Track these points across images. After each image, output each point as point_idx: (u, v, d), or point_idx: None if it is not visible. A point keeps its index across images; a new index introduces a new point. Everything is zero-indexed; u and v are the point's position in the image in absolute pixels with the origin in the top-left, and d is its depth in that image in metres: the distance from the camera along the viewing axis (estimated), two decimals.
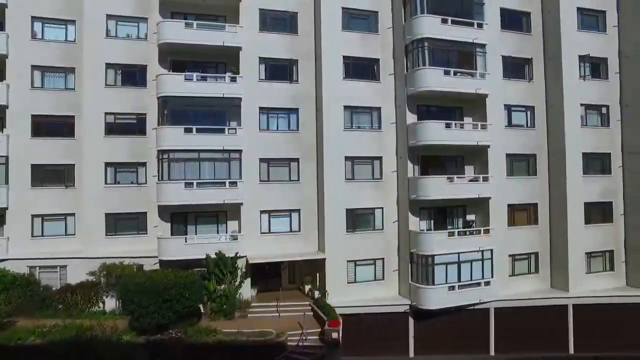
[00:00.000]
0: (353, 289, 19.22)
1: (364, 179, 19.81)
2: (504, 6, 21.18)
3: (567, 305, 20.60)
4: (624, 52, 21.55)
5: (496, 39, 20.60)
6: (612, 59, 21.77)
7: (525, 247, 21.18)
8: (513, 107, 21.23)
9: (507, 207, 20.64)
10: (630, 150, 21.39)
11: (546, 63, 21.69)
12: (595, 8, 21.69)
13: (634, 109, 21.20)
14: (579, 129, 21.11)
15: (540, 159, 21.55)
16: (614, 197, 21.73)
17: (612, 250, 21.66)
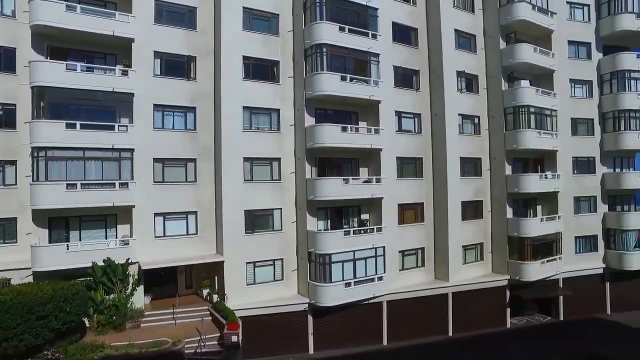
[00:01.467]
0: (253, 291, 20.71)
1: (262, 180, 21.40)
2: (396, 20, 24.75)
3: (447, 294, 24.89)
4: (489, 72, 26.84)
5: (388, 49, 23.97)
6: (481, 76, 26.91)
7: (413, 243, 24.98)
8: (403, 114, 24.87)
9: (397, 206, 24.17)
10: (494, 156, 26.74)
11: (431, 75, 25.81)
12: (468, 32, 26.57)
13: (497, 120, 26.50)
14: (457, 136, 25.61)
15: (426, 162, 25.61)
16: (484, 196, 26.84)
17: (482, 242, 26.73)
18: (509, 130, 26.11)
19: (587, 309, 28.16)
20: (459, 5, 26.33)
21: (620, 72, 29.00)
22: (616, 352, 16.37)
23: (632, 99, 28.77)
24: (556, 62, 27.64)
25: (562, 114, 27.77)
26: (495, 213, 26.80)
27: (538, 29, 26.97)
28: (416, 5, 25.72)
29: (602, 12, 29.61)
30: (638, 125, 29.06)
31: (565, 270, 27.50)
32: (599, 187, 29.72)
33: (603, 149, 29.70)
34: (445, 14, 25.32)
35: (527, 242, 25.53)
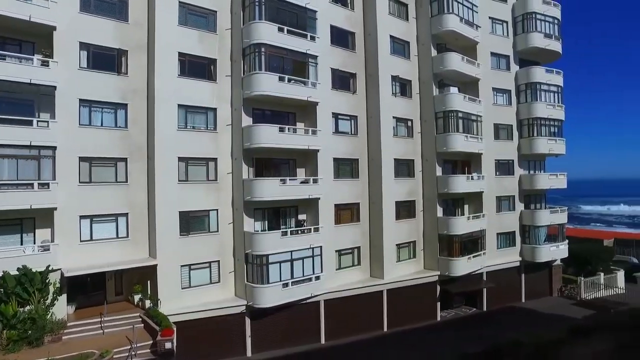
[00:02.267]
0: (188, 294, 20.46)
1: (198, 180, 21.24)
2: (334, 24, 25.72)
3: (382, 291, 26.22)
4: (422, 78, 28.71)
5: (326, 52, 24.80)
6: (414, 81, 28.79)
7: (349, 242, 26.05)
8: (340, 116, 25.85)
9: (334, 206, 25.07)
10: (426, 158, 28.64)
11: (367, 79, 27.10)
12: (403, 38, 28.25)
13: (428, 124, 28.39)
14: (391, 138, 27.10)
15: (362, 163, 26.86)
16: (416, 196, 28.67)
17: (414, 241, 28.51)
18: (439, 134, 28.12)
19: (506, 298, 31.15)
20: (394, 13, 27.92)
21: (532, 84, 32.45)
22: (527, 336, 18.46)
23: (542, 108, 32.34)
24: (481, 72, 30.26)
25: (486, 120, 30.46)
26: (427, 212, 28.72)
27: (465, 39, 29.33)
28: (354, 10, 26.84)
29: (518, 30, 32.97)
30: (547, 132, 32.67)
31: (488, 264, 30.16)
32: (517, 188, 32.99)
33: (520, 153, 33.05)
34: (381, 21, 26.70)
35: (455, 239, 27.66)
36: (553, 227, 33.26)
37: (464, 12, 28.90)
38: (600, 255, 37.21)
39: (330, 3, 25.61)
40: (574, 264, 35.89)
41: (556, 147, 33.23)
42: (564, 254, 33.77)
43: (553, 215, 33.17)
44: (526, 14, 32.53)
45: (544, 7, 32.79)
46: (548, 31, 33.04)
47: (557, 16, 33.69)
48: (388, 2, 27.38)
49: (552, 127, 33.24)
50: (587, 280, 33.71)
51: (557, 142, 33.33)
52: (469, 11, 29.29)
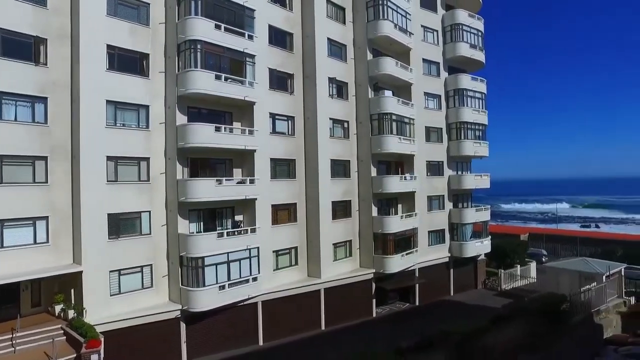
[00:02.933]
0: (118, 302, 19.49)
1: (129, 180, 20.27)
2: (272, 24, 25.79)
3: (319, 290, 26.71)
4: (358, 81, 29.64)
5: (264, 52, 24.80)
6: (350, 84, 29.65)
7: (287, 242, 26.24)
8: (277, 116, 25.95)
9: (271, 207, 25.11)
10: (362, 159, 29.64)
11: (304, 80, 27.46)
12: (340, 41, 29.01)
13: (364, 126, 29.41)
14: (328, 139, 27.76)
15: (299, 164, 27.15)
16: (352, 196, 29.54)
17: (350, 240, 29.37)
18: (374, 135, 29.20)
19: (437, 293, 33.14)
20: (332, 16, 28.56)
21: (460, 90, 34.84)
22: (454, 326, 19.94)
23: (468, 113, 34.83)
24: (413, 77, 31.88)
25: (418, 123, 32.16)
26: (362, 212, 29.70)
27: (399, 45, 30.75)
28: (292, 11, 27.09)
29: (447, 39, 35.23)
30: (473, 135, 35.23)
31: (420, 261, 31.87)
32: (446, 188, 35.18)
33: (449, 155, 35.27)
34: (319, 23, 27.21)
35: (389, 237, 28.89)
36: (478, 224, 35.92)
37: (398, 19, 30.32)
38: (517, 249, 41.00)
39: (268, 3, 25.64)
40: (495, 258, 39.12)
41: (480, 149, 35.92)
42: (488, 249, 36.67)
43: (478, 213, 35.85)
44: (454, 25, 34.85)
45: (469, 20, 35.35)
46: (473, 42, 35.66)
47: (481, 29, 36.49)
48: (326, 5, 27.96)
49: (477, 131, 35.90)
50: (506, 272, 36.93)
51: (482, 145, 36.05)
52: (402, 19, 30.76)
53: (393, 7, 29.76)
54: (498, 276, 36.68)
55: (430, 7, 34.71)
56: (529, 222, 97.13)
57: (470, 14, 35.68)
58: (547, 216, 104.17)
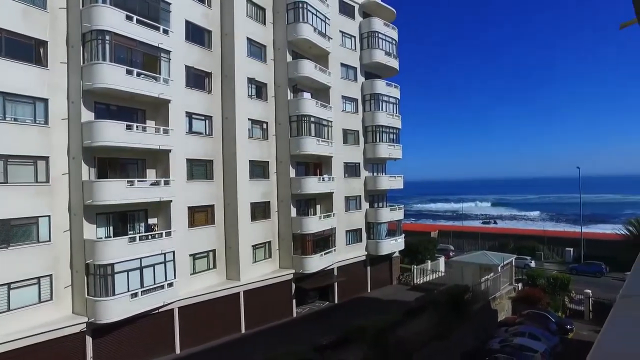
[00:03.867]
0: (8, 319, 17.56)
1: (23, 182, 18.35)
2: (190, 19, 24.93)
3: (239, 293, 26.40)
4: (277, 82, 29.85)
5: (181, 48, 23.96)
6: (270, 85, 29.73)
7: (204, 245, 25.59)
8: (194, 115, 25.22)
9: (187, 209, 24.29)
10: (281, 160, 29.87)
11: (223, 79, 27.00)
12: (260, 42, 28.97)
13: (283, 127, 29.67)
14: (247, 140, 27.48)
15: (217, 165, 26.62)
16: (271, 197, 29.64)
17: (270, 241, 29.45)
18: (293, 137, 29.59)
19: (355, 290, 34.45)
20: (252, 15, 28.43)
21: (375, 95, 36.61)
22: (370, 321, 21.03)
23: (383, 117, 36.74)
24: (332, 80, 32.85)
25: (336, 125, 33.17)
26: (281, 213, 29.93)
27: (318, 49, 31.50)
28: (211, 8, 26.49)
29: (364, 45, 36.87)
30: (387, 138, 37.22)
31: (338, 260, 32.88)
32: (362, 188, 36.68)
33: (365, 156, 36.85)
34: (239, 22, 26.95)
35: (308, 238, 29.44)
36: (392, 223, 38.00)
37: (318, 23, 31.06)
38: (428, 246, 44.10)
39: None
40: (408, 254, 41.69)
41: (395, 152, 38.03)
42: (402, 247, 38.94)
43: (392, 213, 37.91)
44: (370, 32, 36.54)
45: (384, 28, 37.30)
46: (388, 50, 37.67)
47: (395, 38, 38.70)
48: (246, 4, 27.76)
49: (392, 134, 37.97)
50: (418, 267, 39.55)
51: (396, 148, 38.19)
52: (322, 23, 31.57)
53: (313, 11, 30.43)
54: (411, 272, 39.14)
55: (349, 14, 36.05)
56: (439, 220, 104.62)
57: (386, 23, 37.67)
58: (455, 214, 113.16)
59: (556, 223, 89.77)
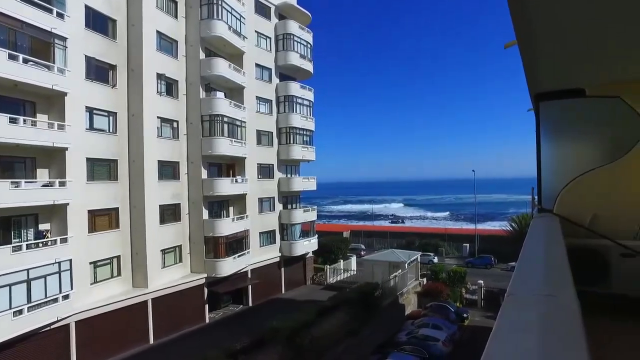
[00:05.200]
0: None
1: None
2: (90, 5, 22.76)
3: (147, 301, 24.86)
4: (189, 80, 28.68)
5: (80, 36, 21.84)
6: (181, 82, 28.46)
7: (107, 252, 23.70)
8: (96, 111, 23.22)
9: (87, 213, 22.27)
10: (192, 161, 28.75)
11: (130, 73, 25.22)
12: (171, 36, 27.59)
13: (194, 126, 28.60)
14: (155, 139, 26.01)
15: (122, 165, 24.77)
16: (182, 199, 28.40)
17: (180, 245, 28.19)
18: (205, 137, 28.65)
19: (269, 292, 34.35)
20: (163, 7, 27.00)
21: (290, 97, 36.93)
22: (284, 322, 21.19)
23: (297, 119, 37.19)
24: (246, 80, 32.41)
25: (250, 126, 32.75)
26: (193, 215, 28.79)
27: (233, 47, 30.87)
28: None
29: (279, 47, 36.99)
30: (301, 140, 37.70)
31: (252, 262, 32.49)
32: (276, 190, 36.69)
33: (279, 158, 36.90)
34: (148, 12, 25.42)
35: (221, 240, 28.69)
36: (306, 224, 38.52)
37: (233, 21, 30.42)
38: (340, 246, 45.47)
39: None
40: (322, 254, 42.58)
41: (308, 154, 38.62)
42: (315, 247, 39.62)
43: (306, 214, 38.43)
44: (286, 34, 36.73)
45: (299, 31, 37.75)
46: (303, 52, 38.19)
47: (310, 41, 39.35)
48: None
49: (305, 136, 38.51)
50: (331, 267, 40.59)
51: (309, 150, 38.79)
52: (237, 21, 30.98)
53: (227, 9, 29.74)
54: (324, 271, 40.03)
55: (265, 14, 35.86)
56: (350, 220, 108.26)
57: (301, 26, 38.14)
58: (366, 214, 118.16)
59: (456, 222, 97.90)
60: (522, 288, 2.01)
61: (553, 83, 5.27)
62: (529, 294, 1.94)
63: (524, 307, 1.77)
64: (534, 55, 3.79)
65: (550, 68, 4.46)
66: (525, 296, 1.91)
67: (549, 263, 2.68)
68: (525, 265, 2.58)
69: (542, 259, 2.87)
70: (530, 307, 1.77)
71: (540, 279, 2.27)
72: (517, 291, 1.92)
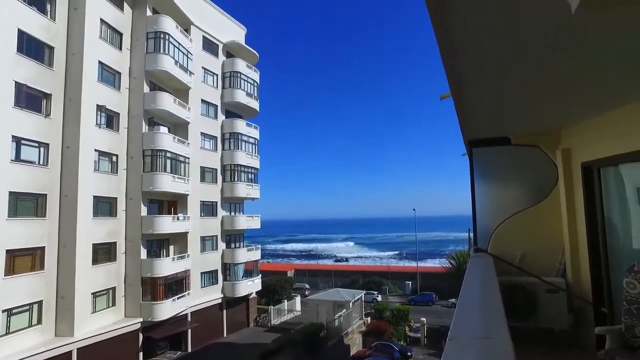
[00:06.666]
0: None
1: None
2: (24, 29, 21.49)
3: (71, 351, 22.51)
4: (132, 113, 27.80)
5: (10, 60, 20.54)
6: (123, 115, 27.44)
7: (26, 297, 21.34)
8: (24, 141, 21.54)
9: (5, 253, 20.12)
10: (131, 197, 27.37)
11: (67, 103, 23.91)
12: (114, 67, 26.81)
13: (135, 161, 27.49)
14: (92, 173, 24.58)
15: (52, 199, 22.92)
16: (118, 237, 26.66)
17: (114, 287, 26.20)
18: (146, 172, 27.54)
19: (210, 335, 32.54)
20: (106, 38, 26.32)
21: (235, 134, 36.83)
22: None
23: (242, 156, 37.05)
24: (191, 116, 31.96)
25: (194, 162, 32.01)
26: (130, 254, 27.08)
27: (179, 82, 30.56)
28: (55, 21, 23.57)
29: (226, 84, 37.15)
30: (246, 178, 37.40)
31: (192, 304, 30.81)
32: (219, 228, 35.66)
33: (223, 195, 36.14)
34: (90, 42, 24.60)
35: (159, 281, 27.13)
36: (249, 264, 37.51)
37: (180, 56, 30.26)
38: (284, 285, 44.58)
39: (20, 2, 21.43)
40: (265, 294, 41.41)
41: (253, 191, 38.22)
42: (259, 287, 38.50)
43: (249, 253, 37.51)
44: (233, 72, 37.06)
45: (247, 70, 38.28)
46: (249, 91, 38.60)
47: (257, 80, 39.95)
48: (100, 25, 25.58)
49: (250, 174, 38.24)
50: (275, 308, 39.40)
51: (254, 188, 38.44)
52: (184, 57, 30.85)
53: (175, 44, 29.61)
54: (268, 312, 38.75)
55: (212, 52, 36.09)
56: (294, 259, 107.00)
57: (249, 65, 38.72)
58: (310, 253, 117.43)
59: (398, 260, 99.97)
60: (462, 332, 2.17)
61: (483, 132, 5.82)
62: (468, 337, 2.09)
63: (464, 351, 1.91)
64: (466, 108, 4.25)
65: (480, 119, 4.95)
66: (465, 340, 2.06)
67: (484, 305, 2.90)
68: (464, 308, 2.78)
69: (478, 301, 3.08)
70: (470, 350, 1.93)
71: (477, 321, 2.45)
72: (458, 335, 2.08)
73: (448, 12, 2.27)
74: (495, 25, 2.43)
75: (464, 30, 2.50)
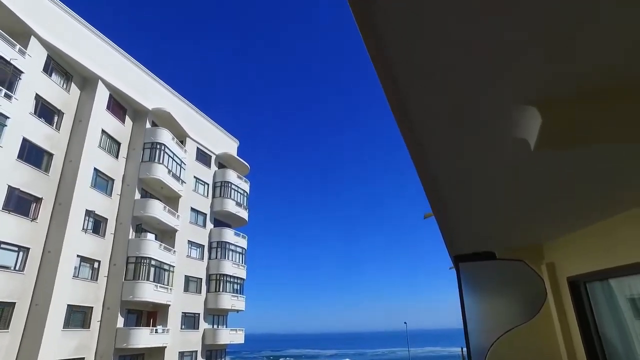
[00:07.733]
0: None
1: None
2: (28, 137, 22.16)
3: None
4: (120, 219, 27.54)
5: (8, 166, 20.74)
6: (111, 220, 27.09)
7: None
8: (4, 245, 20.69)
9: None
10: (108, 306, 25.65)
11: (56, 207, 23.68)
12: (108, 174, 27.29)
13: (118, 268, 26.42)
14: (70, 279, 23.32)
15: (21, 309, 21.21)
16: (88, 352, 24.25)
17: None
18: (128, 280, 26.34)
19: None
20: (105, 147, 27.21)
21: (223, 243, 36.21)
22: None
23: (229, 266, 35.94)
24: (180, 223, 31.70)
25: (178, 271, 30.85)
26: None
27: (170, 190, 30.93)
28: (59, 131, 24.50)
29: (216, 193, 37.67)
30: (231, 288, 35.81)
31: None
32: (200, 342, 32.95)
33: (207, 307, 34.13)
34: (88, 151, 25.35)
35: None
36: None
37: (173, 166, 31.11)
38: None
39: (31, 114, 22.49)
40: None
41: (238, 303, 36.30)
42: None
43: None
44: (224, 182, 37.87)
45: (237, 181, 39.21)
46: (239, 200, 39.05)
47: (247, 190, 40.69)
48: (100, 136, 26.64)
49: (236, 285, 36.71)
50: None
51: (239, 299, 36.60)
52: (177, 166, 31.73)
53: (170, 154, 30.65)
54: None
55: (205, 162, 37.30)
56: None
57: (239, 175, 39.79)
58: None
59: None
60: None
61: (468, 247, 5.79)
62: None
63: None
64: (449, 225, 4.29)
65: (464, 235, 4.96)
66: None
67: None
68: None
69: None
70: None
71: None
72: None
73: (430, 162, 2.37)
74: (470, 170, 2.58)
75: (447, 177, 2.68)
